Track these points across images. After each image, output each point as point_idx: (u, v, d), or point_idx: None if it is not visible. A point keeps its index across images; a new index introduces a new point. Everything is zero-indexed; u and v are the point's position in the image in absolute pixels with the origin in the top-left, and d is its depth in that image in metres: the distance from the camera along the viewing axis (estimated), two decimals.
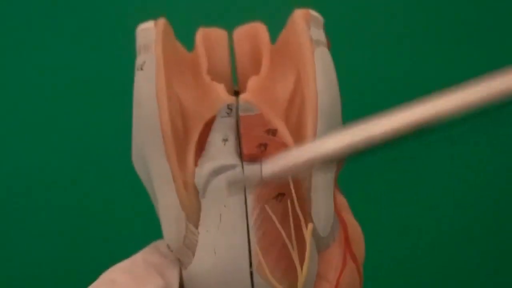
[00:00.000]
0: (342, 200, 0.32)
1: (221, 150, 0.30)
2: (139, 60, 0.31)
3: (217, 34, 0.35)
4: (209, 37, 0.35)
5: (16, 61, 0.69)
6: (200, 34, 0.35)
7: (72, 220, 0.69)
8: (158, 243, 0.32)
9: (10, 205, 0.69)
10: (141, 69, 0.31)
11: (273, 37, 0.35)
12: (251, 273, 0.29)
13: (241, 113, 0.30)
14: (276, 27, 0.35)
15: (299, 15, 0.32)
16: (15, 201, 0.69)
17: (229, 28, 0.36)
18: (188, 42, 0.36)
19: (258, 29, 0.35)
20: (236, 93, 0.36)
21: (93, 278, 0.30)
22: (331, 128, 0.30)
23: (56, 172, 0.69)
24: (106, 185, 0.69)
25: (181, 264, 0.31)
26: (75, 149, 0.69)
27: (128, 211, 0.68)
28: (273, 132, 0.30)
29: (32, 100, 0.69)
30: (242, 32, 0.36)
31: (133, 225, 0.67)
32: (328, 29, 0.34)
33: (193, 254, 0.30)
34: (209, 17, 0.38)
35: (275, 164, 0.25)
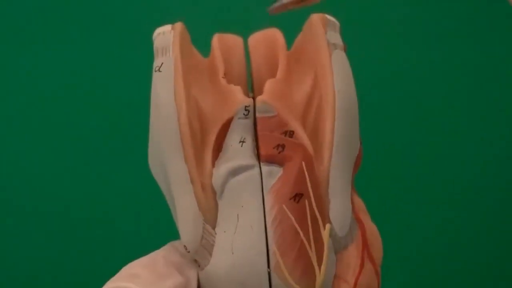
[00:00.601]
0: (359, 202, 0.32)
1: (238, 151, 0.30)
2: (157, 62, 0.31)
3: (233, 39, 0.36)
4: (225, 42, 0.35)
5: (33, 61, 0.69)
6: (216, 39, 0.35)
7: (74, 219, 0.69)
8: (176, 243, 0.32)
9: (13, 205, 0.69)
10: (159, 70, 0.31)
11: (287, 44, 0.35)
12: (269, 274, 0.29)
13: (258, 115, 0.31)
14: (289, 35, 0.36)
15: (316, 19, 0.33)
16: (22, 201, 0.69)
17: (244, 35, 0.37)
18: (202, 50, 0.36)
19: (274, 34, 0.35)
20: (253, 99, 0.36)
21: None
22: (349, 129, 0.31)
23: (58, 171, 0.69)
24: (108, 186, 0.69)
25: (198, 265, 0.31)
26: (77, 149, 0.69)
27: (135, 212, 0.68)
28: (290, 133, 0.30)
29: (34, 99, 0.69)
30: (258, 37, 0.36)
31: (137, 226, 0.67)
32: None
33: (210, 255, 0.30)
34: (223, 25, 0.38)
35: None
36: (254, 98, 0.35)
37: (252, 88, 0.36)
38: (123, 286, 0.28)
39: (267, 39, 0.35)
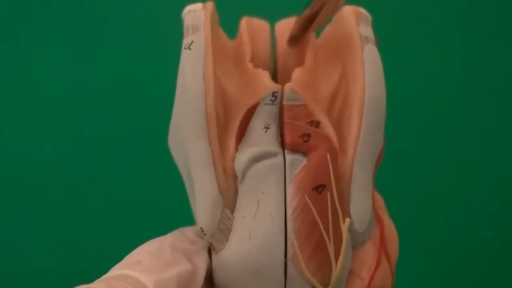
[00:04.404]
0: (379, 199, 0.32)
1: (262, 137, 0.30)
2: (186, 40, 0.31)
3: (260, 24, 0.35)
4: (253, 26, 0.35)
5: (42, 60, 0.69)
6: (244, 23, 0.35)
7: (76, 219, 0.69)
8: (185, 229, 0.32)
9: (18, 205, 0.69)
10: (189, 48, 0.30)
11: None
12: (285, 264, 0.28)
13: (285, 102, 0.30)
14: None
15: (349, 12, 0.32)
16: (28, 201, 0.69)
17: (271, 21, 0.36)
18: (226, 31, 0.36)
19: None
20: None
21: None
22: (375, 125, 0.30)
23: (59, 170, 0.69)
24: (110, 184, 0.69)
25: (213, 249, 0.30)
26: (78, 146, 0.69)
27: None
28: (316, 124, 0.30)
29: (37, 97, 0.69)
30: (285, 24, 0.35)
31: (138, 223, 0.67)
32: None
33: (227, 240, 0.29)
34: (250, 9, 0.38)
35: None
36: (276, 81, 0.34)
37: (275, 75, 0.35)
38: (125, 274, 0.27)
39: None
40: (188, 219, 0.32)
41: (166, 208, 0.64)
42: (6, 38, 0.70)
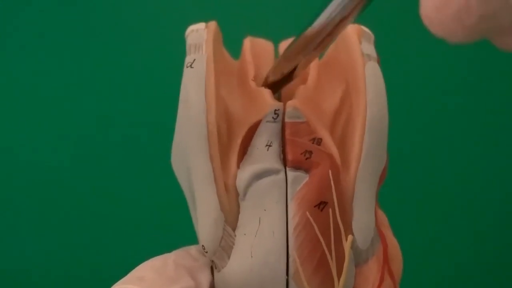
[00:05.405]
0: (382, 216, 0.32)
1: (264, 154, 0.30)
2: (189, 59, 0.31)
3: (264, 44, 0.36)
4: (256, 46, 0.35)
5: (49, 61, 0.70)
6: (248, 42, 0.35)
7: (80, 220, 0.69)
8: (189, 248, 0.32)
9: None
10: (191, 67, 0.31)
11: None
12: (287, 281, 0.28)
13: (287, 119, 0.30)
14: None
15: (351, 30, 0.32)
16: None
17: (275, 41, 0.37)
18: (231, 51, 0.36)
19: None
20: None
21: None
22: (377, 142, 0.30)
23: (60, 175, 0.69)
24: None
25: (215, 267, 0.30)
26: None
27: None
28: (318, 141, 0.30)
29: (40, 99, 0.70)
30: (288, 43, 0.36)
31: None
32: None
33: (229, 257, 0.29)
34: (253, 29, 0.38)
35: None
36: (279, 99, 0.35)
37: (279, 94, 0.35)
38: None
39: None
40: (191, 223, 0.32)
41: (167, 212, 0.64)
42: (6, 38, 0.70)
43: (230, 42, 0.36)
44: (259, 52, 0.35)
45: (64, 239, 0.68)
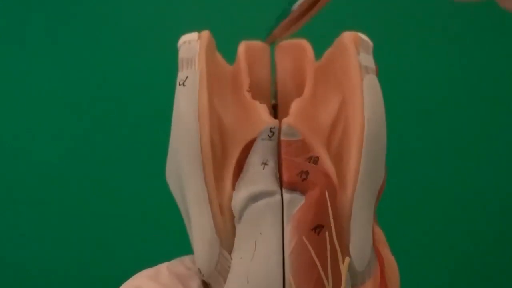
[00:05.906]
0: (379, 233, 0.31)
1: (259, 174, 0.29)
2: (181, 76, 0.30)
3: (260, 48, 0.34)
4: (251, 51, 0.34)
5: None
6: (243, 47, 0.34)
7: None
8: (183, 258, 0.32)
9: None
10: (183, 85, 0.30)
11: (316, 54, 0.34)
12: None
13: (283, 138, 0.29)
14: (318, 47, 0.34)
15: (349, 38, 0.31)
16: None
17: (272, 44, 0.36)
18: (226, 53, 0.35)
19: (303, 46, 0.34)
20: (274, 108, 0.35)
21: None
22: (375, 159, 0.29)
23: (59, 172, 0.69)
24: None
25: None
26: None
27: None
28: (315, 160, 0.29)
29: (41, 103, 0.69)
30: (285, 47, 0.34)
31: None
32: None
33: (225, 281, 0.29)
34: (249, 31, 0.37)
35: None
36: (277, 106, 0.34)
37: (275, 97, 0.35)
38: None
39: (295, 50, 0.34)
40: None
41: (167, 212, 0.64)
42: (6, 38, 0.70)
43: (230, 42, 0.35)
44: (255, 58, 0.34)
45: (64, 239, 0.69)
